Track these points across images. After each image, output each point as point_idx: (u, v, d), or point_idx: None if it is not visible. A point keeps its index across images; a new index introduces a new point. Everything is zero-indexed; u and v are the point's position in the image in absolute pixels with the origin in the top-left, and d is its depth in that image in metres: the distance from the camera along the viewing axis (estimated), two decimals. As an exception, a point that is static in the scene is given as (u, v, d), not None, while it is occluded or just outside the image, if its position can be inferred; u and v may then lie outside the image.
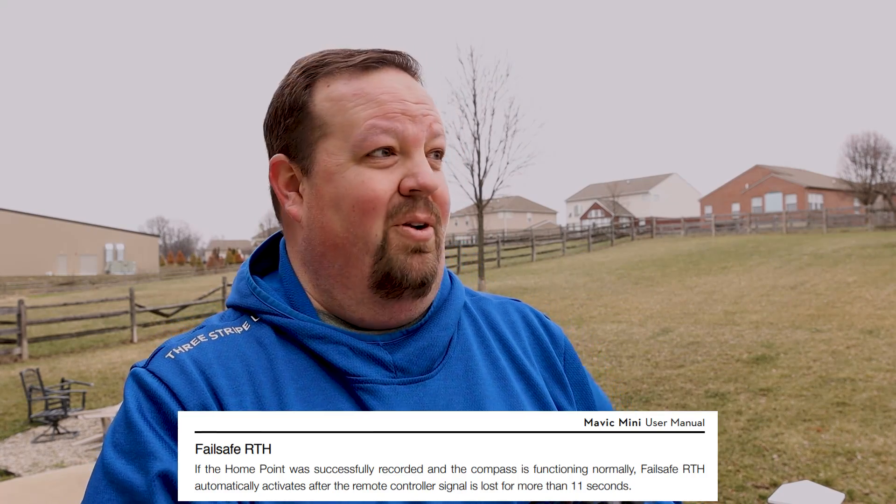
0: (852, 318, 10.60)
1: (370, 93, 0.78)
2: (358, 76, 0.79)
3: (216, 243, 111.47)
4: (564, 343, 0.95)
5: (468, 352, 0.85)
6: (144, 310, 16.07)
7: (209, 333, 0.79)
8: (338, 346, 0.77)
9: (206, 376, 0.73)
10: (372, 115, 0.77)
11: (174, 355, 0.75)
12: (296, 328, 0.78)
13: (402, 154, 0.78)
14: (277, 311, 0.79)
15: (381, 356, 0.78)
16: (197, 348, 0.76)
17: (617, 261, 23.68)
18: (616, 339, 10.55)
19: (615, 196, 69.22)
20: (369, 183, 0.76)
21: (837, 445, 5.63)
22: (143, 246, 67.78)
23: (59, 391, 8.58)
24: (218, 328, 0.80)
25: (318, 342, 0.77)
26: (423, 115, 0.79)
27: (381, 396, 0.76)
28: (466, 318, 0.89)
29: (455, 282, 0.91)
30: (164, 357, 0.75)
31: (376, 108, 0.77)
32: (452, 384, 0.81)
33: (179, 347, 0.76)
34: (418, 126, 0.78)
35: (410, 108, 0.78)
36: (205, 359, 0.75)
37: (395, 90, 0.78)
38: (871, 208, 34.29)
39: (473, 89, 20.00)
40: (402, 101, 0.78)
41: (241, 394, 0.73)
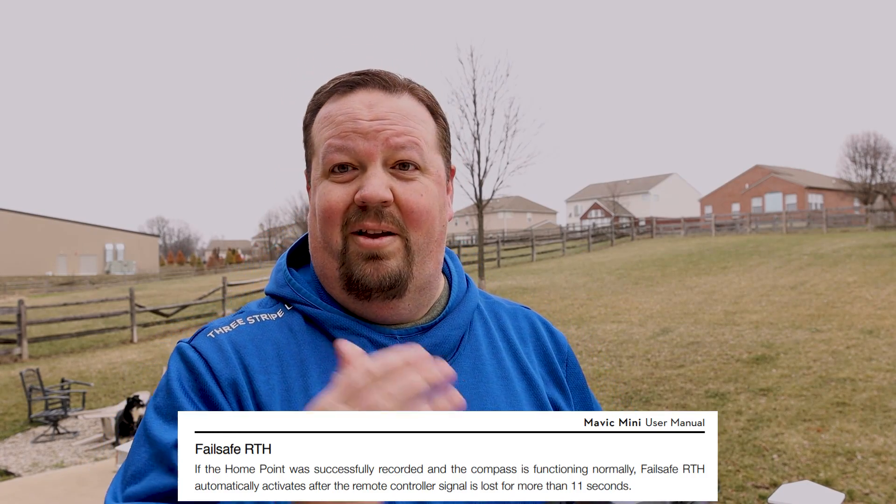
0: (852, 318, 10.60)
1: (332, 115, 0.87)
2: (336, 99, 0.88)
3: (216, 243, 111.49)
4: (567, 350, 1.04)
5: (477, 350, 0.92)
6: (144, 310, 16.08)
7: (247, 318, 0.89)
8: (359, 339, 0.86)
9: (240, 355, 0.83)
10: (329, 136, 0.86)
11: (214, 335, 0.86)
12: (324, 318, 0.88)
13: (360, 168, 0.85)
14: (308, 301, 0.89)
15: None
16: (235, 331, 0.87)
17: (617, 261, 23.68)
18: (616, 339, 10.55)
19: (615, 196, 69.25)
20: (328, 195, 0.86)
21: (837, 445, 5.63)
22: (143, 246, 67.81)
23: (59, 391, 8.59)
24: (255, 314, 0.90)
25: (341, 333, 0.86)
26: (378, 130, 0.85)
27: None
28: (478, 319, 0.97)
29: (471, 285, 0.99)
30: (205, 336, 0.86)
31: (333, 128, 0.86)
32: (460, 380, 0.87)
33: (220, 329, 0.87)
34: (370, 142, 0.84)
35: (362, 126, 0.85)
36: (240, 340, 0.85)
37: (351, 111, 0.86)
38: (871, 208, 34.28)
39: (473, 89, 20.01)
40: (355, 121, 0.85)
41: (269, 372, 0.83)
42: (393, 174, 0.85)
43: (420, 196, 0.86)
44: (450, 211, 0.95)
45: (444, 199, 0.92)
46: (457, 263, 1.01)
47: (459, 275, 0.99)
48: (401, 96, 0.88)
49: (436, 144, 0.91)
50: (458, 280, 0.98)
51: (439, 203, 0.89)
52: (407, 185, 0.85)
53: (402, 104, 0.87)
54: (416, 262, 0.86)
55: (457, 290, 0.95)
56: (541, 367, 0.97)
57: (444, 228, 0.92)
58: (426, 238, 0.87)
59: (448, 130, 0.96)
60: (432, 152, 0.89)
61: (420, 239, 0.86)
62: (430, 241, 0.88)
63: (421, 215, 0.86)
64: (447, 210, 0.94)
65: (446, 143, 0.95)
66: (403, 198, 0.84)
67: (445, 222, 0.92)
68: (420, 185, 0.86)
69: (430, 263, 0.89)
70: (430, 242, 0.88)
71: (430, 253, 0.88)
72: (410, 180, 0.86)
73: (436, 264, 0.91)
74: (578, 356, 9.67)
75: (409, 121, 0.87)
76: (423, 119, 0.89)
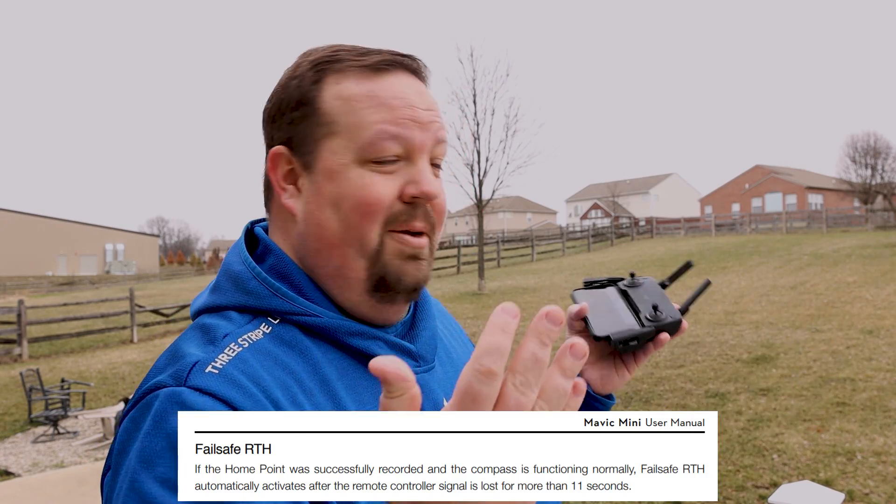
0: (852, 318, 10.60)
1: (381, 96, 0.76)
2: (370, 77, 0.77)
3: (216, 243, 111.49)
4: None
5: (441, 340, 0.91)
6: (144, 310, 16.08)
7: (238, 341, 0.72)
8: (376, 342, 0.78)
9: (264, 390, 0.67)
10: (382, 120, 0.75)
11: (217, 370, 0.68)
12: (334, 327, 0.76)
13: (406, 160, 0.77)
14: (308, 311, 0.76)
15: (408, 347, 0.81)
16: (237, 359, 0.69)
17: (617, 261, 23.68)
18: (616, 339, 10.55)
19: (615, 196, 69.25)
20: (372, 187, 0.75)
21: (837, 445, 5.63)
22: (143, 246, 67.82)
23: (59, 391, 8.59)
24: (241, 335, 0.73)
25: (358, 339, 0.76)
26: (431, 122, 0.78)
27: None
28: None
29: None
30: (205, 373, 0.67)
31: (387, 112, 0.76)
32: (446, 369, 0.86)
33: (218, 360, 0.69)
34: (426, 134, 0.77)
35: (420, 114, 0.77)
36: (252, 371, 0.69)
37: (406, 95, 0.77)
38: (871, 208, 34.29)
39: (473, 89, 20.01)
40: (413, 108, 0.77)
41: (297, 404, 0.69)
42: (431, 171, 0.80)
43: (444, 194, 0.81)
44: None
45: None
46: None
47: None
48: (428, 88, 0.82)
49: None
50: None
51: None
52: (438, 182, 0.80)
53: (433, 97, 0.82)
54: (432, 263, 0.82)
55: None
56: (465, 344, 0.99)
57: None
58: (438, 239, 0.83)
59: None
60: None
61: (436, 240, 0.82)
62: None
63: (443, 216, 0.81)
64: None
65: None
66: (440, 197, 0.79)
67: None
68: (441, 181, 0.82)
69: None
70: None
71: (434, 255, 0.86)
72: (438, 178, 0.81)
73: None
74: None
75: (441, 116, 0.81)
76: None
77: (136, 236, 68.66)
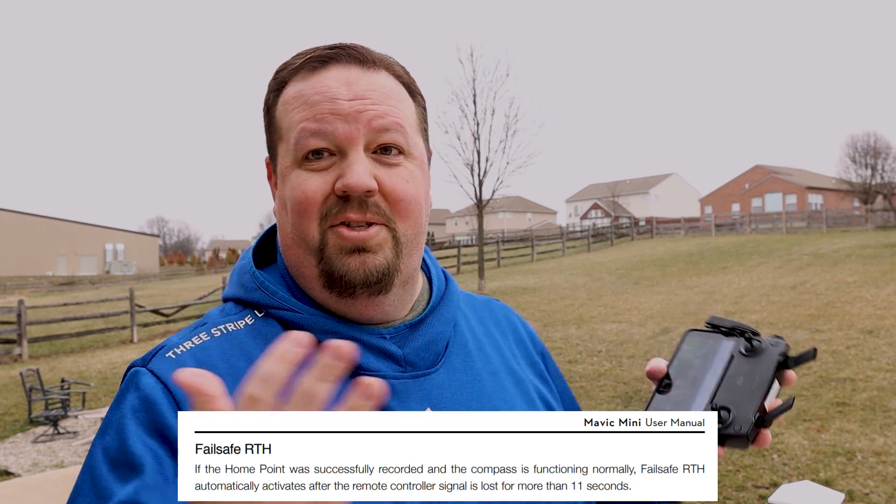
0: (852, 318, 10.60)
1: (305, 94, 0.77)
2: (306, 77, 0.78)
3: (216, 243, 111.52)
4: (540, 341, 1.00)
5: (465, 347, 0.87)
6: (144, 310, 16.08)
7: (211, 330, 0.78)
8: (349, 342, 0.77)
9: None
10: (303, 118, 0.76)
11: (175, 355, 0.75)
12: (308, 323, 0.78)
13: (339, 154, 0.76)
14: (287, 305, 0.79)
15: (392, 350, 0.79)
16: (199, 347, 0.76)
17: (617, 261, 23.68)
18: (616, 339, 10.55)
19: (615, 196, 69.24)
20: (302, 185, 0.76)
21: (837, 445, 5.63)
22: (143, 246, 67.82)
23: (59, 391, 8.58)
24: (220, 324, 0.79)
25: (328, 337, 0.76)
26: (359, 111, 0.75)
27: (395, 392, 0.77)
28: (460, 315, 0.91)
29: (450, 280, 0.93)
30: (164, 356, 0.75)
31: (307, 110, 0.76)
32: (454, 378, 0.82)
33: (181, 346, 0.76)
34: (351, 125, 0.75)
35: (341, 106, 0.75)
36: (207, 358, 0.75)
37: (328, 89, 0.76)
38: (871, 208, 34.28)
39: (473, 89, 20.02)
40: (334, 101, 0.75)
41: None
42: (375, 160, 0.77)
43: (406, 183, 0.78)
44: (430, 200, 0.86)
45: (428, 185, 0.85)
46: (432, 258, 0.94)
47: (437, 269, 0.92)
48: (379, 73, 0.79)
49: (417, 126, 0.83)
50: (436, 274, 0.91)
51: (424, 189, 0.82)
52: (392, 171, 0.77)
53: (382, 81, 0.79)
54: (403, 254, 0.78)
55: (437, 284, 0.89)
56: (522, 360, 0.93)
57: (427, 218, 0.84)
58: (414, 229, 0.79)
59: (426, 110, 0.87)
60: (415, 135, 0.81)
61: (409, 230, 0.78)
62: (418, 232, 0.81)
63: (409, 204, 0.78)
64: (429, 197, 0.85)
65: (426, 124, 0.87)
66: (389, 185, 0.76)
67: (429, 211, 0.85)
68: (405, 170, 0.78)
69: (415, 256, 0.82)
70: (419, 233, 0.81)
71: (417, 244, 0.81)
72: (395, 166, 0.77)
73: (419, 256, 0.84)
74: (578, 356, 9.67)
75: (391, 100, 0.78)
76: (403, 98, 0.81)
77: (136, 236, 68.68)
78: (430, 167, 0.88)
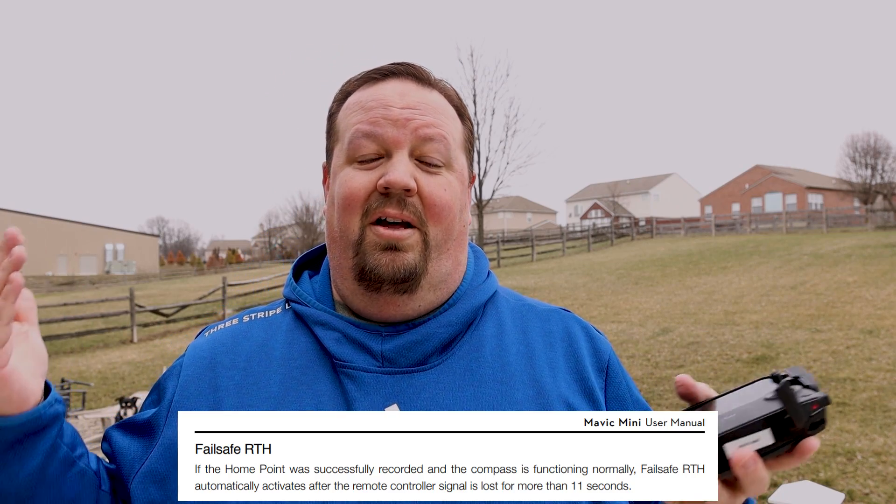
0: (852, 318, 10.60)
1: (362, 101, 0.86)
2: (367, 88, 0.87)
3: (216, 243, 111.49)
4: (609, 358, 0.92)
5: (477, 352, 0.85)
6: (144, 310, 16.08)
7: (244, 317, 0.93)
8: (334, 333, 0.84)
9: (214, 353, 0.88)
10: (358, 121, 0.85)
11: (209, 334, 0.93)
12: (307, 314, 0.87)
13: (386, 157, 0.83)
14: (301, 300, 0.89)
15: (370, 345, 0.83)
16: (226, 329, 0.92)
17: (617, 261, 23.68)
18: (616, 339, 10.55)
19: (615, 196, 69.24)
20: (350, 182, 0.83)
21: (837, 445, 5.63)
22: (143, 246, 67.80)
23: (58, 391, 8.58)
24: (255, 312, 0.94)
25: (320, 328, 0.85)
26: (408, 119, 0.83)
27: (360, 383, 0.81)
28: (492, 319, 0.90)
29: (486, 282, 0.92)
30: (203, 334, 0.93)
31: (363, 114, 0.85)
32: (445, 380, 0.82)
33: (217, 326, 0.93)
34: (399, 130, 0.83)
35: (393, 113, 0.83)
36: (223, 337, 0.90)
37: (383, 98, 0.85)
38: (871, 208, 34.29)
39: (473, 89, 20.08)
40: (387, 107, 0.84)
41: (235, 367, 0.86)
42: (418, 165, 0.84)
43: (444, 190, 0.84)
44: (468, 216, 0.92)
45: (466, 199, 0.91)
46: (479, 260, 0.96)
47: (478, 271, 0.94)
48: (432, 91, 0.88)
49: (462, 144, 0.89)
50: (471, 276, 0.92)
51: (461, 201, 0.87)
52: (431, 177, 0.84)
53: (434, 98, 0.87)
54: (432, 257, 0.83)
55: (465, 286, 0.90)
56: (566, 375, 0.87)
57: (464, 229, 0.89)
58: (445, 234, 0.85)
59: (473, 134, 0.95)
60: (458, 150, 0.88)
61: (439, 234, 0.84)
62: (449, 239, 0.85)
63: (443, 209, 0.83)
64: (467, 213, 0.91)
65: (471, 145, 0.94)
66: (427, 189, 0.83)
67: (466, 223, 0.90)
68: (444, 179, 0.85)
69: (446, 262, 0.86)
70: (449, 240, 0.85)
71: (447, 250, 0.85)
72: (434, 174, 0.84)
73: (454, 264, 0.87)
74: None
75: (439, 115, 0.86)
76: (452, 116, 0.89)
77: (136, 236, 68.65)
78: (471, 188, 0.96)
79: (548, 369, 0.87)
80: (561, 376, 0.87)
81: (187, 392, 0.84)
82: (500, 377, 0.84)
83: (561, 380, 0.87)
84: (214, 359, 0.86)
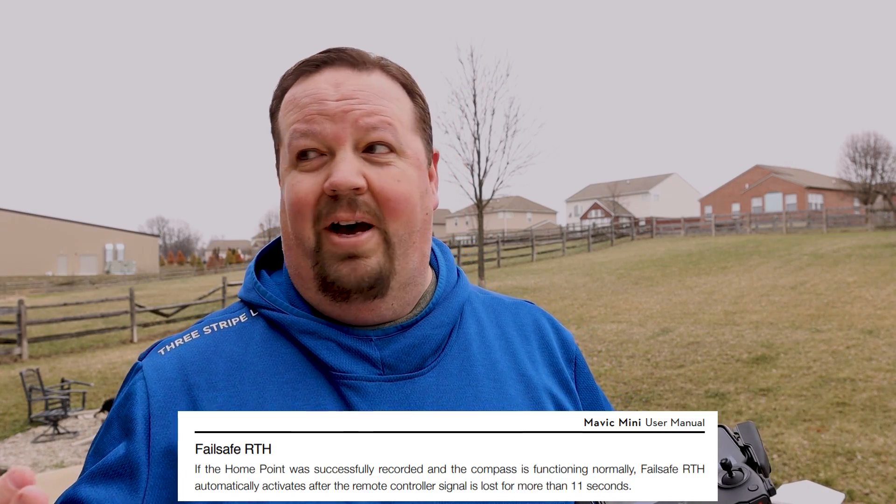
0: (852, 318, 10.60)
1: (297, 98, 0.79)
2: (301, 82, 0.80)
3: (216, 243, 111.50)
4: (575, 349, 0.94)
5: (466, 351, 0.84)
6: (144, 310, 16.08)
7: (203, 329, 0.82)
8: (326, 342, 0.78)
9: (185, 374, 0.77)
10: (294, 121, 0.78)
11: (165, 351, 0.80)
12: (289, 323, 0.79)
13: (329, 154, 0.77)
14: (274, 305, 0.81)
15: (368, 353, 0.78)
16: (186, 345, 0.80)
17: (617, 261, 23.68)
18: (616, 339, 10.55)
19: (615, 196, 69.22)
20: (296, 187, 0.77)
21: (837, 445, 5.63)
22: (143, 246, 67.81)
23: (59, 391, 8.58)
24: (214, 322, 0.83)
25: (308, 337, 0.78)
26: (346, 111, 0.76)
27: (365, 393, 0.76)
28: (471, 317, 0.88)
29: (461, 279, 0.90)
30: (156, 353, 0.80)
31: (298, 112, 0.78)
32: (445, 382, 0.80)
33: (172, 343, 0.81)
34: (338, 124, 0.76)
35: (328, 107, 0.77)
36: (189, 355, 0.79)
37: (317, 91, 0.78)
38: (871, 208, 34.28)
39: (473, 89, 20.00)
40: (321, 102, 0.77)
41: (216, 389, 0.76)
42: (365, 159, 0.77)
43: (397, 182, 0.77)
44: (434, 198, 0.86)
45: (426, 184, 0.83)
46: (447, 255, 0.92)
47: (449, 267, 0.90)
48: (371, 73, 0.80)
49: (413, 125, 0.82)
50: (446, 273, 0.88)
51: (420, 189, 0.80)
52: (381, 169, 0.77)
53: (373, 82, 0.79)
54: (397, 256, 0.78)
55: (444, 284, 0.87)
56: (544, 367, 0.88)
57: (427, 217, 0.83)
58: (407, 229, 0.79)
59: (427, 110, 0.87)
60: (409, 133, 0.81)
61: (400, 230, 0.78)
62: (412, 232, 0.79)
63: (399, 203, 0.77)
64: (430, 197, 0.84)
65: (425, 123, 0.86)
66: (378, 184, 0.76)
67: (429, 210, 0.83)
68: (396, 169, 0.78)
69: (413, 256, 0.80)
70: (413, 233, 0.79)
71: (412, 245, 0.80)
72: (385, 164, 0.77)
73: (421, 257, 0.82)
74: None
75: (381, 99, 0.78)
76: (397, 97, 0.81)
77: (136, 236, 68.65)
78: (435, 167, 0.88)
79: (529, 362, 0.87)
80: (541, 368, 0.88)
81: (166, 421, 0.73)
82: (492, 374, 0.83)
83: (542, 372, 0.88)
84: (187, 380, 0.76)
